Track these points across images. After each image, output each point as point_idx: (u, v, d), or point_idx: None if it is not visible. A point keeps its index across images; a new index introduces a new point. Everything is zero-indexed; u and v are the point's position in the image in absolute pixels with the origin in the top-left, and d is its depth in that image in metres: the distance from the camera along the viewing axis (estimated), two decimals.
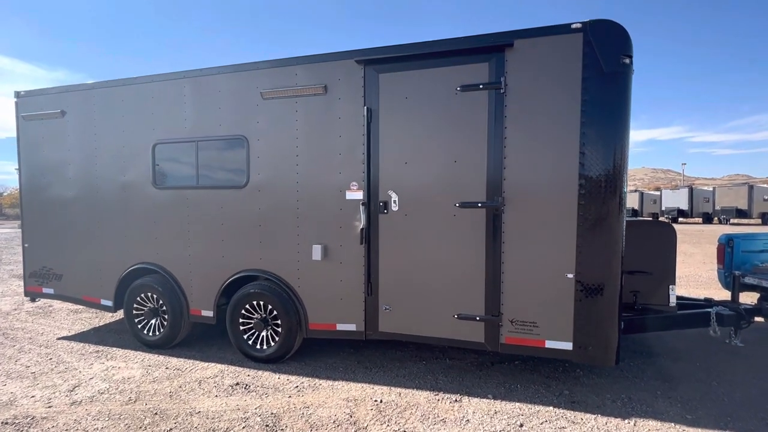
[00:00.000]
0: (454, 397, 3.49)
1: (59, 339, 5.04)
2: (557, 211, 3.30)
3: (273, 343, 4.15)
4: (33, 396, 3.59)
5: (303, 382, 3.77)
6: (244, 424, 3.11)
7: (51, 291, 5.17)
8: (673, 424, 3.08)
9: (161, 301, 4.55)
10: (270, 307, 4.12)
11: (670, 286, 4.03)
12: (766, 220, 27.59)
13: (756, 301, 4.44)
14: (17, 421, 3.19)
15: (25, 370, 4.14)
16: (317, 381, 3.80)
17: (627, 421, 3.13)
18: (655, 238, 4.13)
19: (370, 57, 3.71)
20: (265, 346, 4.19)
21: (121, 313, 4.98)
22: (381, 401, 3.43)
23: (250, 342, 4.23)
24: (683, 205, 31.95)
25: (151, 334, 4.66)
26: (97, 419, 3.21)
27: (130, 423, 3.15)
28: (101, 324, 5.64)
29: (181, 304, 4.48)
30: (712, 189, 31.50)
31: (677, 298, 4.20)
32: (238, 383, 3.76)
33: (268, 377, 3.89)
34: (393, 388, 3.65)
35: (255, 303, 4.17)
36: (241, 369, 4.07)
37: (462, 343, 3.65)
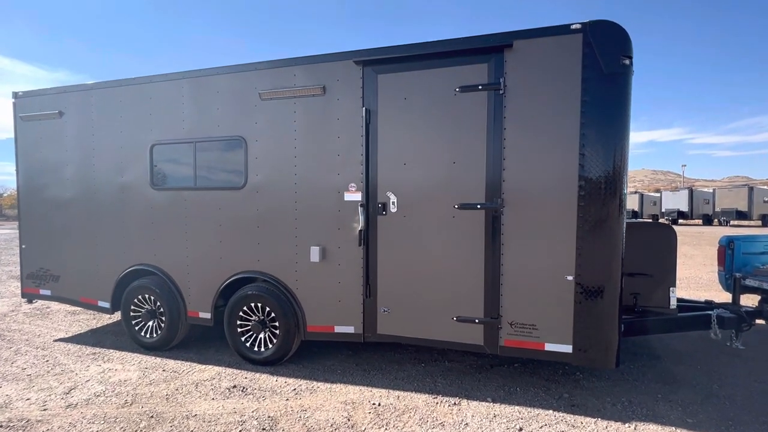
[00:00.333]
0: (453, 400, 3.46)
1: (56, 341, 5.02)
2: (557, 212, 3.28)
3: (271, 346, 4.13)
4: (28, 399, 3.56)
5: (300, 385, 3.75)
6: (240, 428, 3.08)
7: (48, 292, 5.14)
8: (673, 428, 3.05)
9: (159, 303, 4.52)
10: (268, 309, 4.10)
11: (671, 288, 4.00)
12: (767, 221, 27.57)
13: (757, 303, 4.41)
14: (12, 424, 3.16)
15: (21, 372, 4.11)
16: (315, 384, 3.77)
17: (627, 424, 3.10)
18: (656, 240, 4.11)
19: (368, 57, 3.70)
20: (262, 349, 4.16)
21: (118, 315, 4.95)
22: (379, 404, 3.40)
23: (248, 344, 4.20)
24: (683, 206, 31.93)
25: (148, 336, 4.63)
26: (93, 422, 3.18)
27: (126, 426, 3.12)
28: (99, 326, 5.61)
29: (178, 306, 4.45)
30: (712, 191, 31.48)
31: (678, 301, 4.17)
32: (235, 386, 3.73)
33: (265, 380, 3.86)
34: (391, 391, 3.63)
35: (253, 305, 4.15)
36: (239, 371, 4.05)
37: (461, 346, 3.62)
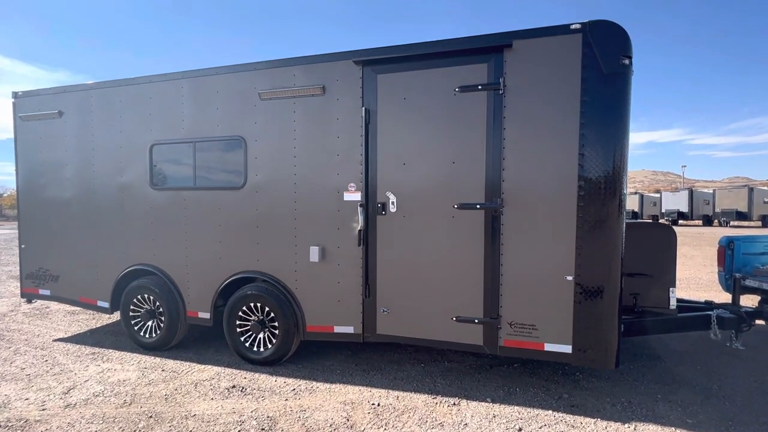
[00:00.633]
0: (452, 400, 3.46)
1: (55, 341, 5.01)
2: (556, 212, 3.28)
3: (270, 346, 4.12)
4: (27, 398, 3.56)
5: (300, 385, 3.74)
6: (239, 428, 3.08)
7: (48, 292, 5.14)
8: (673, 429, 3.05)
9: (158, 303, 4.52)
10: (267, 309, 4.09)
11: (671, 289, 4.00)
12: (767, 222, 27.55)
13: (757, 303, 4.41)
14: (10, 424, 3.16)
15: (20, 372, 4.10)
16: (314, 384, 3.77)
17: (627, 425, 3.10)
18: (655, 240, 4.10)
19: (368, 57, 3.69)
20: (262, 349, 4.15)
21: (117, 315, 4.95)
22: (378, 404, 3.40)
23: (247, 344, 4.20)
24: (683, 207, 31.92)
25: (147, 336, 4.63)
26: (91, 422, 3.18)
27: (125, 426, 3.12)
28: (98, 326, 5.61)
29: (177, 306, 4.44)
30: (712, 191, 31.47)
31: (677, 301, 4.16)
32: (234, 386, 3.72)
33: (264, 380, 3.85)
34: (391, 391, 3.62)
35: (252, 305, 4.14)
36: (238, 371, 4.04)
37: (460, 346, 3.61)
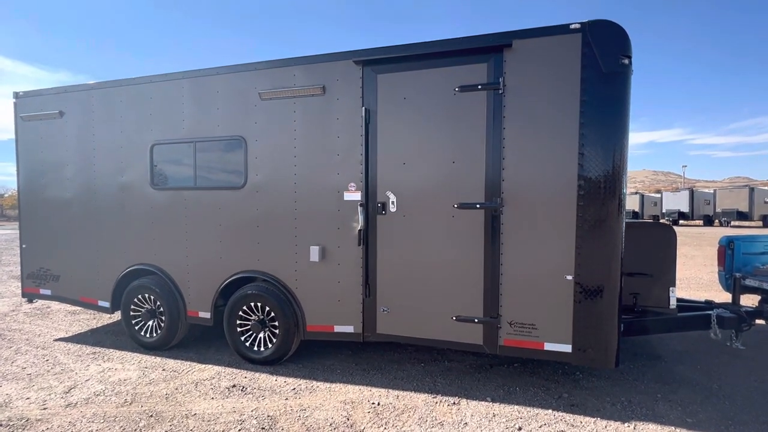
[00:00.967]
0: (452, 399, 3.46)
1: (56, 340, 5.02)
2: (556, 212, 3.28)
3: (270, 345, 4.13)
4: (28, 398, 3.57)
5: (300, 384, 3.75)
6: (240, 427, 3.08)
7: (48, 292, 5.15)
8: (673, 428, 3.05)
9: (158, 303, 4.53)
10: (267, 308, 4.10)
11: (671, 288, 4.00)
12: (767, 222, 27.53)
13: (757, 303, 4.41)
14: (11, 422, 3.17)
15: (21, 371, 4.12)
16: (314, 383, 3.78)
17: (627, 424, 3.10)
18: (655, 240, 4.11)
19: (368, 57, 3.70)
20: (262, 348, 4.16)
21: (118, 315, 4.96)
22: (378, 404, 3.40)
23: (248, 344, 4.21)
24: (684, 207, 31.90)
25: (148, 335, 4.64)
26: (92, 421, 3.19)
27: (125, 425, 3.13)
28: (99, 325, 5.62)
29: (178, 306, 4.45)
30: (712, 191, 31.44)
31: (677, 300, 4.16)
32: (234, 385, 3.73)
33: (265, 379, 3.86)
34: (391, 391, 3.63)
35: (252, 304, 4.15)
36: (238, 371, 4.05)
37: (460, 345, 3.62)
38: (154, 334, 4.60)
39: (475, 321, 3.51)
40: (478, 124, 3.44)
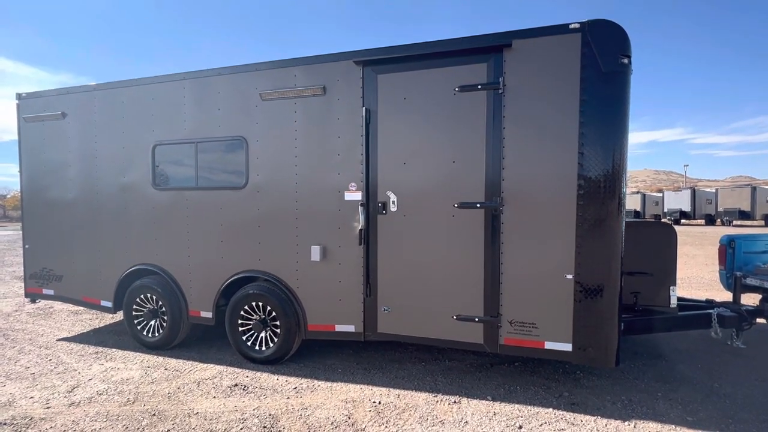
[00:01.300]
0: (453, 398, 3.47)
1: (59, 340, 5.05)
2: (556, 211, 3.29)
3: (272, 345, 4.15)
4: (32, 397, 3.59)
5: (301, 384, 3.76)
6: (242, 426, 3.10)
7: (51, 292, 5.18)
8: (673, 426, 3.06)
9: (160, 303, 4.55)
10: (269, 308, 4.12)
11: (671, 288, 4.00)
12: None
13: (758, 302, 4.41)
14: (15, 421, 3.19)
15: (25, 371, 4.14)
16: (316, 382, 3.79)
17: (627, 423, 3.11)
18: (656, 239, 4.11)
19: (368, 58, 3.71)
20: (263, 348, 4.18)
21: (120, 315, 4.98)
22: (379, 402, 3.42)
23: (249, 343, 4.22)
24: (686, 206, 31.82)
25: (150, 335, 4.66)
26: (95, 420, 3.21)
27: (128, 424, 3.15)
28: (101, 325, 5.65)
29: (180, 306, 4.48)
30: (714, 190, 31.35)
31: (678, 300, 4.17)
32: (236, 384, 3.75)
33: (266, 378, 3.88)
34: (392, 390, 3.64)
35: (254, 304, 4.17)
36: (240, 370, 4.07)
37: (461, 345, 3.63)
38: (156, 334, 4.62)
39: (476, 320, 3.52)
40: (478, 124, 3.45)
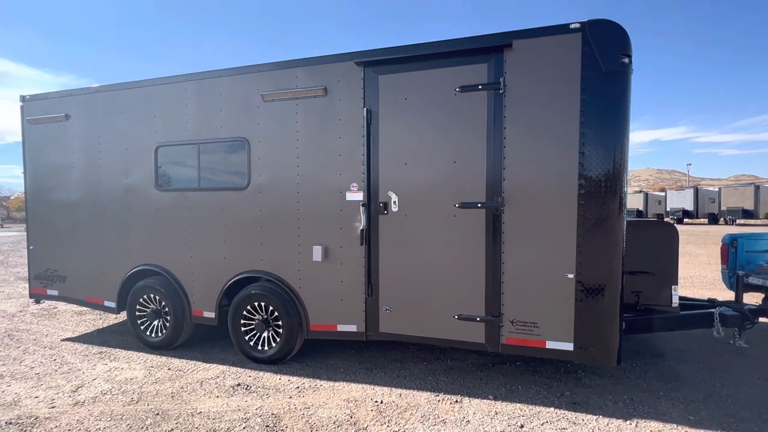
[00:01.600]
0: (454, 398, 3.49)
1: (63, 340, 5.09)
2: (557, 211, 3.29)
3: (274, 344, 4.16)
4: (37, 396, 3.62)
5: (304, 383, 3.78)
6: (244, 425, 3.12)
7: (55, 293, 5.22)
8: (675, 425, 3.06)
9: (163, 303, 4.58)
10: (271, 308, 4.14)
11: (673, 287, 4.00)
12: None
13: (760, 301, 4.40)
14: (21, 421, 3.22)
15: (30, 370, 4.18)
16: (318, 382, 3.81)
17: (629, 422, 3.11)
18: (657, 239, 4.11)
19: (369, 58, 3.73)
20: (266, 347, 4.20)
21: (124, 315, 5.01)
22: (381, 402, 3.43)
23: (252, 343, 4.25)
24: (688, 205, 31.71)
25: (153, 335, 4.69)
26: (100, 419, 3.24)
27: (132, 423, 3.17)
28: (105, 325, 5.68)
29: (183, 306, 4.50)
30: (717, 189, 31.23)
31: (680, 299, 4.16)
32: (239, 384, 3.77)
33: (269, 378, 3.90)
34: (394, 389, 3.65)
35: (256, 304, 4.19)
36: (243, 370, 4.09)
37: (463, 344, 3.64)
38: (160, 334, 4.65)
39: (477, 319, 3.53)
40: (479, 124, 3.46)
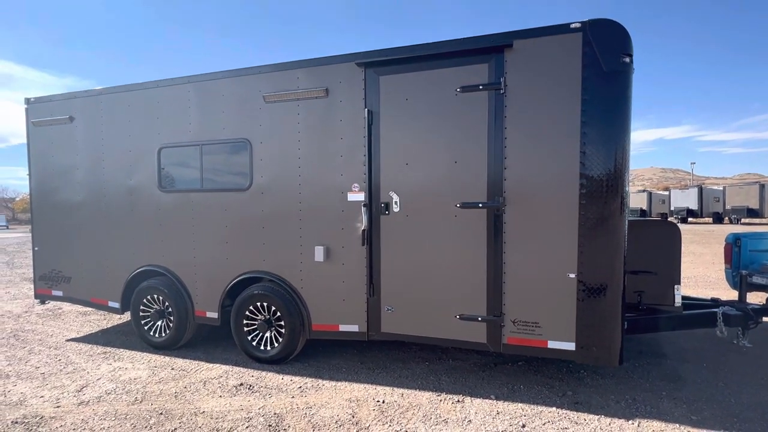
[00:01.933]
0: (456, 397, 3.49)
1: (68, 340, 5.13)
2: (558, 210, 3.30)
3: (277, 344, 4.19)
4: (42, 396, 3.66)
5: (306, 383, 3.80)
6: (247, 424, 3.14)
7: (60, 293, 5.26)
8: (677, 425, 3.05)
9: (167, 303, 4.61)
10: (273, 308, 4.16)
11: (675, 286, 3.99)
12: None
13: (764, 300, 4.38)
14: (27, 420, 3.26)
15: (35, 370, 4.22)
16: (320, 381, 3.83)
17: (631, 421, 3.11)
18: (660, 238, 4.10)
19: (370, 59, 3.74)
20: (268, 347, 4.22)
21: (128, 315, 5.05)
22: (383, 402, 3.44)
23: (254, 343, 4.27)
24: (693, 204, 31.54)
25: (157, 335, 4.72)
26: (104, 419, 3.26)
27: (136, 422, 3.20)
28: (109, 326, 5.72)
29: (186, 306, 4.53)
30: (722, 188, 31.06)
31: (683, 298, 4.15)
32: (242, 384, 3.79)
33: (271, 378, 3.92)
34: (395, 389, 3.66)
35: (259, 304, 4.21)
36: (246, 370, 4.11)
37: (464, 344, 3.65)
38: (163, 334, 4.68)
39: (479, 319, 3.54)
40: (480, 124, 3.47)
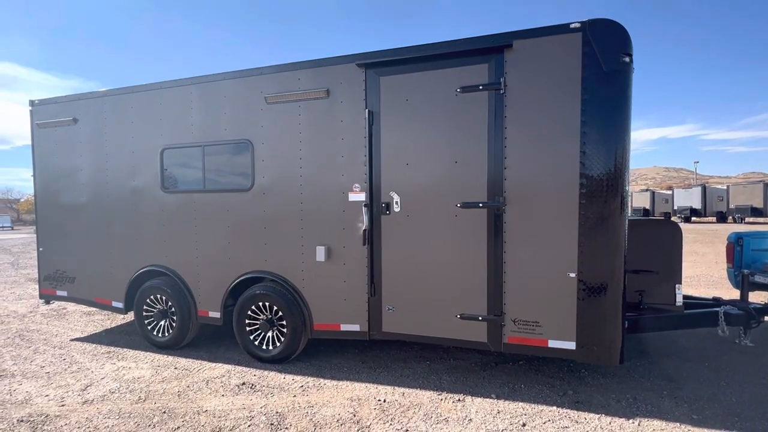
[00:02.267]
0: (457, 396, 3.50)
1: (72, 340, 5.17)
2: (558, 210, 3.30)
3: (278, 344, 4.21)
4: (47, 395, 3.70)
5: (308, 382, 3.82)
6: (249, 423, 3.17)
7: (64, 293, 5.31)
8: (678, 424, 3.06)
9: (170, 303, 4.65)
10: (275, 308, 4.18)
11: (677, 285, 3.99)
12: None
13: (766, 300, 4.37)
14: (32, 418, 3.30)
15: (40, 370, 4.26)
16: (322, 381, 3.85)
17: (631, 421, 3.11)
18: (661, 237, 4.10)
19: (371, 60, 3.76)
20: (270, 347, 4.25)
21: (131, 315, 5.09)
22: (384, 401, 3.46)
23: (257, 342, 4.30)
24: (696, 204, 31.40)
25: (160, 335, 4.76)
26: (108, 417, 3.30)
27: (140, 421, 3.23)
28: (113, 326, 5.77)
29: (189, 306, 4.56)
30: (726, 187, 30.90)
31: (685, 298, 4.15)
32: (244, 383, 3.82)
33: (273, 377, 3.94)
34: (396, 388, 3.68)
35: (261, 304, 4.24)
36: (248, 369, 4.14)
37: (465, 343, 3.66)
38: (166, 334, 4.72)
39: (479, 319, 3.55)
40: (480, 124, 3.48)
